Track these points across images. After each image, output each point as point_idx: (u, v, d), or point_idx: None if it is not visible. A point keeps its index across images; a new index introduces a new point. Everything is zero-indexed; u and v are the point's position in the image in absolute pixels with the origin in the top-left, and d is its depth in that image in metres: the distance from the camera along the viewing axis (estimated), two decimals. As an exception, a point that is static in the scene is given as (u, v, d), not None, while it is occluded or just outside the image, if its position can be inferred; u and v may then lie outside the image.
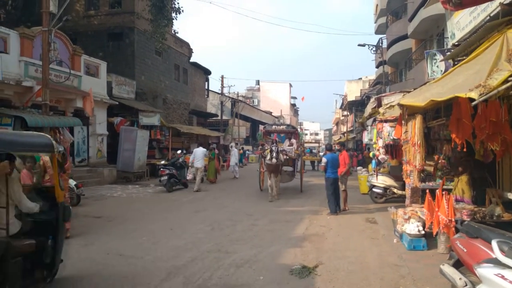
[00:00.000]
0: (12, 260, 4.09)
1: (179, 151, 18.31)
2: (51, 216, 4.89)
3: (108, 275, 5.54)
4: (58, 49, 15.56)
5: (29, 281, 4.53)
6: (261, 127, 26.65)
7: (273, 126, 17.30)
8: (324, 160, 10.91)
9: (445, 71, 9.73)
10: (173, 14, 21.97)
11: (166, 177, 15.15)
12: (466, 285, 3.73)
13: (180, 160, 16.75)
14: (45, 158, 7.43)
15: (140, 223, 9.33)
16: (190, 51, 30.82)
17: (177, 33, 28.16)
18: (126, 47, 23.03)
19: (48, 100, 12.71)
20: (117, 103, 19.67)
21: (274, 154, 12.55)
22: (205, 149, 17.08)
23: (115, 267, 5.90)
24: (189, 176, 16.75)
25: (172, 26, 24.72)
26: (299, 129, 17.73)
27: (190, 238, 7.76)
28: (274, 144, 13.12)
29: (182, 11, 22.15)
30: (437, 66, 12.88)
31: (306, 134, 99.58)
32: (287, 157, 14.43)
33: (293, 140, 15.98)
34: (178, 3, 22.20)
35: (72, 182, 11.17)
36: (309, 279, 5.44)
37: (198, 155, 15.86)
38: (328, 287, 5.16)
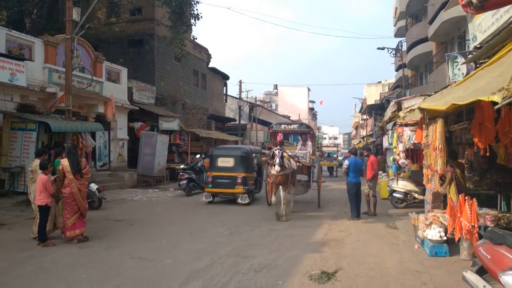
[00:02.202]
0: None
1: (198, 156, 18.46)
2: None
3: (129, 277, 5.62)
4: (80, 56, 15.92)
5: None
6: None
7: (282, 125, 13.64)
8: (346, 162, 10.80)
9: (466, 74, 9.57)
10: (192, 21, 22.30)
11: (185, 181, 15.30)
12: (490, 292, 3.65)
13: (199, 164, 16.88)
14: (65, 163, 7.60)
15: (160, 226, 9.44)
16: (209, 57, 31.10)
17: (196, 39, 28.49)
18: (146, 53, 23.41)
19: (71, 106, 13.04)
20: (137, 108, 19.98)
21: (277, 160, 9.78)
22: None
23: (135, 270, 5.97)
24: None
25: (191, 32, 25.03)
26: (315, 130, 14.69)
27: (209, 242, 7.80)
28: (279, 147, 10.33)
29: (201, 17, 22.44)
30: (459, 69, 12.67)
31: (325, 138, 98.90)
32: (299, 164, 12.07)
33: (309, 143, 13.37)
34: (197, 10, 22.46)
35: (94, 186, 11.38)
36: (329, 284, 5.40)
37: None
38: (347, 293, 5.12)
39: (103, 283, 5.40)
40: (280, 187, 10.26)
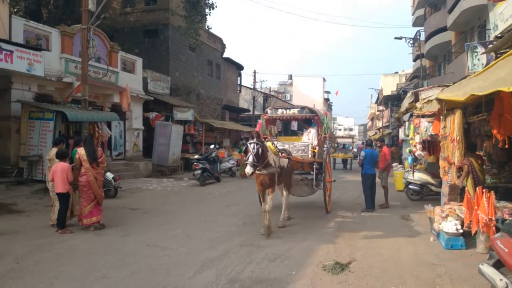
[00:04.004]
0: None
1: (212, 146, 18.54)
2: None
3: (144, 265, 5.70)
4: (96, 46, 16.11)
5: None
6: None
7: (280, 110, 10.51)
8: (362, 154, 10.72)
9: (486, 65, 9.35)
10: (207, 10, 22.26)
11: (199, 171, 15.40)
12: (507, 286, 3.60)
13: (213, 154, 16.96)
14: (81, 152, 7.71)
15: (174, 215, 9.54)
16: (223, 47, 31.03)
17: (211, 28, 28.43)
18: (161, 44, 23.46)
19: (87, 96, 13.19)
20: (152, 98, 20.10)
21: (250, 158, 7.00)
22: None
23: (151, 258, 6.06)
24: None
25: (205, 22, 24.97)
26: (321, 114, 10.83)
27: (223, 231, 7.85)
28: (255, 139, 7.14)
29: (216, 6, 22.40)
30: (478, 59, 12.41)
31: (340, 129, 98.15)
32: (286, 159, 8.45)
33: (312, 131, 10.39)
34: (211, -1, 22.37)
35: (110, 175, 11.55)
36: (342, 275, 5.39)
37: None
38: (361, 284, 5.10)
39: (119, 269, 5.49)
40: (269, 190, 7.74)
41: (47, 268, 5.51)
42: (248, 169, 6.99)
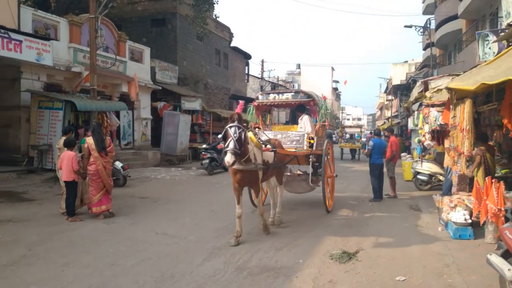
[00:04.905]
0: None
1: (219, 136, 18.51)
2: None
3: (153, 252, 5.77)
4: (104, 36, 16.10)
5: None
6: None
7: (271, 95, 9.10)
8: (371, 143, 10.67)
9: (498, 53, 9.20)
10: (214, -1, 22.06)
11: (207, 161, 15.48)
12: (516, 276, 3.59)
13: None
14: (90, 141, 7.78)
15: (183, 204, 9.62)
16: (231, 36, 30.88)
17: (218, 17, 28.26)
18: (168, 33, 23.41)
19: (96, 85, 13.24)
20: (160, 88, 20.15)
21: (231, 144, 5.79)
22: None
23: (160, 245, 6.13)
24: None
25: (213, 11, 24.83)
26: (319, 98, 8.89)
27: (230, 220, 7.87)
28: (236, 123, 5.95)
29: (223, -5, 22.19)
30: (489, 48, 12.23)
31: (348, 119, 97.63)
32: (271, 152, 7.03)
33: (304, 117, 8.88)
34: (219, -13, 22.20)
35: (118, 164, 11.65)
36: (350, 264, 5.41)
37: None
38: (368, 272, 5.12)
39: (129, 257, 5.56)
40: (253, 189, 6.82)
41: (58, 255, 5.61)
42: (229, 158, 5.68)
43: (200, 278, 4.85)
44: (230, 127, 5.94)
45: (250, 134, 6.59)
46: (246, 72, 36.09)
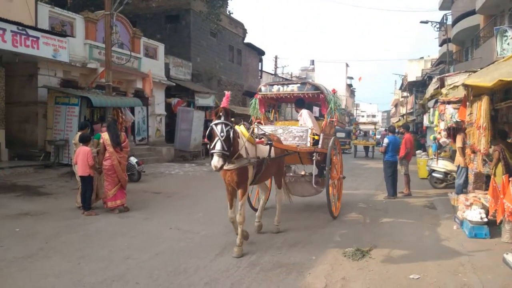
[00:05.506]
0: None
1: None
2: None
3: (167, 247, 5.83)
4: (119, 32, 16.27)
5: None
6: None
7: (275, 87, 8.12)
8: (386, 140, 10.56)
9: (517, 49, 9.02)
10: (228, -5, 22.06)
11: (220, 157, 15.49)
12: (533, 276, 3.53)
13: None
14: (105, 136, 7.88)
15: (196, 199, 9.69)
16: (244, 32, 30.86)
17: (232, 13, 28.29)
18: (182, 29, 23.50)
19: (111, 81, 13.40)
20: (174, 84, 20.27)
21: (218, 145, 5.02)
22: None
23: (173, 240, 6.19)
24: None
25: (226, 7, 24.86)
26: (328, 91, 8.17)
27: (243, 216, 7.91)
28: (222, 119, 5.14)
29: (237, -9, 22.17)
30: (508, 44, 12.01)
31: (363, 116, 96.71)
32: (266, 146, 6.21)
33: (302, 112, 8.13)
34: (233, -16, 22.21)
35: (133, 160, 11.78)
36: (363, 261, 5.39)
37: None
38: (382, 270, 5.09)
39: (143, 251, 5.63)
40: (240, 191, 5.91)
41: (74, 248, 5.71)
42: (216, 161, 4.95)
43: (213, 273, 4.89)
44: (216, 124, 5.09)
45: (241, 128, 5.92)
46: (260, 68, 36.03)
